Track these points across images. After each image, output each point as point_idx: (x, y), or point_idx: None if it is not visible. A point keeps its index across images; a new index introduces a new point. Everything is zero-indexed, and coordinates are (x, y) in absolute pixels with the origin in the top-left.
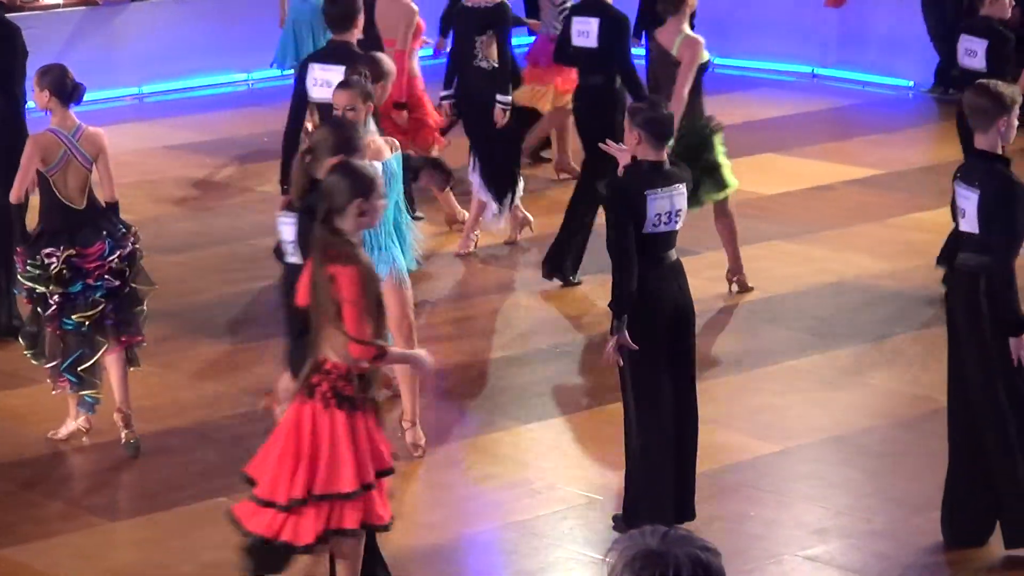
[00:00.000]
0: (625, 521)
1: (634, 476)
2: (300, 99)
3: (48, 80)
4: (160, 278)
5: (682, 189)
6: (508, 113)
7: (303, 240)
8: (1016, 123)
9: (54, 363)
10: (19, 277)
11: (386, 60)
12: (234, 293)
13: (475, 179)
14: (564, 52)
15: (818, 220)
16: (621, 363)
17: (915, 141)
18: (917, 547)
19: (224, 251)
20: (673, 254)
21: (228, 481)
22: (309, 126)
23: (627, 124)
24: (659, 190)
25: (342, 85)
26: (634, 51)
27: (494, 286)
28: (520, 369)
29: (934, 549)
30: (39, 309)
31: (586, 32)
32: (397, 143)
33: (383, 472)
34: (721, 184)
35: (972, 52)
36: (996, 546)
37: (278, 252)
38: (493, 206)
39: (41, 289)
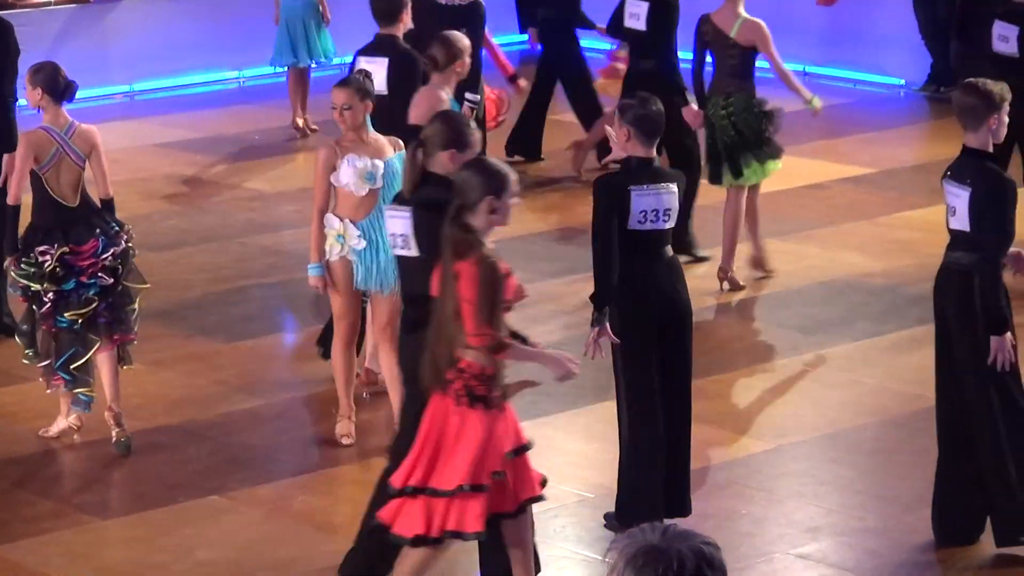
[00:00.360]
0: (617, 519)
1: (626, 475)
2: None
3: (40, 78)
4: (150, 275)
5: (672, 188)
6: (475, 112)
7: (420, 232)
8: (1007, 120)
9: (47, 361)
10: (13, 275)
11: (460, 37)
12: (224, 291)
13: None
14: (617, 29)
15: (810, 218)
16: (603, 355)
17: (906, 140)
18: (909, 545)
19: (214, 248)
20: (667, 252)
21: (220, 479)
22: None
23: (617, 120)
24: (645, 186)
25: (340, 84)
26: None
27: None
28: (512, 367)
29: (926, 547)
30: (34, 307)
31: (637, 15)
32: (400, 142)
33: (496, 473)
34: (774, 156)
35: (1005, 38)
36: (987, 544)
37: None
38: None
39: (36, 287)
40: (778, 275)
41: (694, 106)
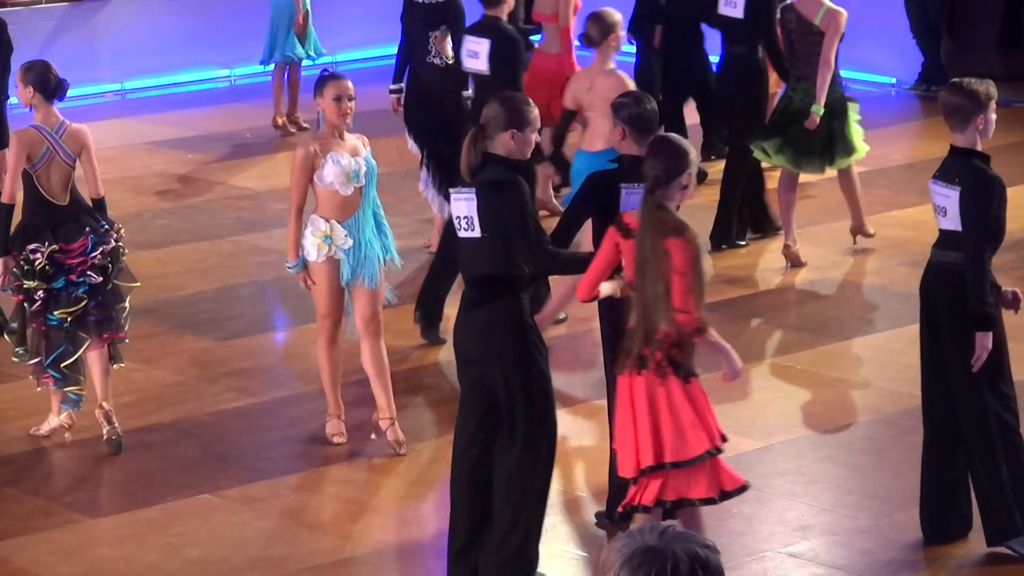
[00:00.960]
0: (608, 518)
1: (617, 474)
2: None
3: (32, 76)
4: (141, 274)
5: None
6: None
7: (484, 213)
8: (994, 119)
9: (37, 359)
10: (14, 272)
11: (611, 12)
12: (215, 289)
13: (429, 192)
14: (710, 16)
15: (801, 217)
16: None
17: (897, 138)
18: (901, 543)
19: (206, 247)
20: None
21: (211, 477)
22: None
23: (612, 118)
24: (636, 185)
25: (339, 76)
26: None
27: None
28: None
29: (918, 545)
30: (26, 304)
31: (733, 2)
32: (366, 139)
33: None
34: (850, 150)
35: None
36: (979, 542)
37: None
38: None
39: (29, 284)
40: (768, 273)
41: None
